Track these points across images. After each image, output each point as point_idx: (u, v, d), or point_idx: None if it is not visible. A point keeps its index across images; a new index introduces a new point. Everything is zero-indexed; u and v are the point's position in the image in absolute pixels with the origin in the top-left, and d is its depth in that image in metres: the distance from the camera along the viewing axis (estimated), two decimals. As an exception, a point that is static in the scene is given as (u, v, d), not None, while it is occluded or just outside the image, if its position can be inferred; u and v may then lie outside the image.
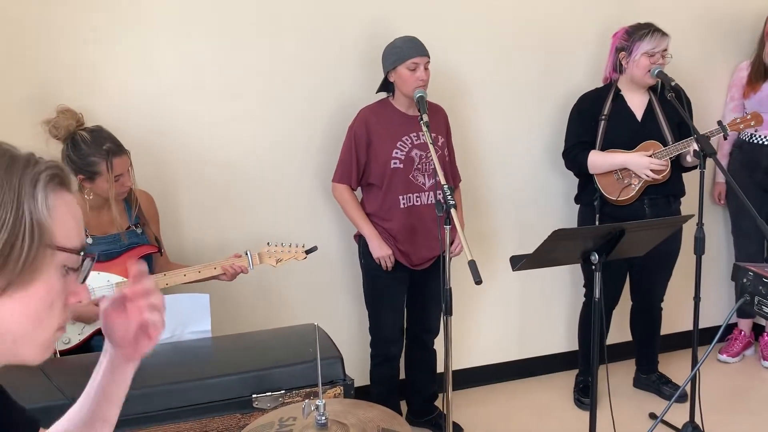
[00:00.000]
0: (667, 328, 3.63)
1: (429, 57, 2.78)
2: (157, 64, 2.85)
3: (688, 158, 3.03)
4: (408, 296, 3.07)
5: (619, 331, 3.70)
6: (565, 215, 3.58)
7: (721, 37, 3.75)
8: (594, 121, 3.16)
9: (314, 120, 3.11)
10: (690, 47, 3.67)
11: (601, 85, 3.28)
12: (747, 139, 3.57)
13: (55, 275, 0.87)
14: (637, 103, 3.16)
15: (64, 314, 0.91)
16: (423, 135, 2.80)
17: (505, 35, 3.35)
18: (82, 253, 0.90)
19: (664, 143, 3.08)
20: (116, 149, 2.41)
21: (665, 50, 3.03)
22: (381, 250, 2.88)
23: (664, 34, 3.03)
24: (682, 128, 3.10)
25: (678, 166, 3.14)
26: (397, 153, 2.83)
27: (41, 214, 0.84)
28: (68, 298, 0.91)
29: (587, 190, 3.21)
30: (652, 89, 3.17)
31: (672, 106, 2.96)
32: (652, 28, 3.04)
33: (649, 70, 3.01)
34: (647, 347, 3.50)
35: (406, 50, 2.74)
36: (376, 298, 3.02)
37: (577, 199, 3.33)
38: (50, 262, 0.86)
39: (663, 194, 3.13)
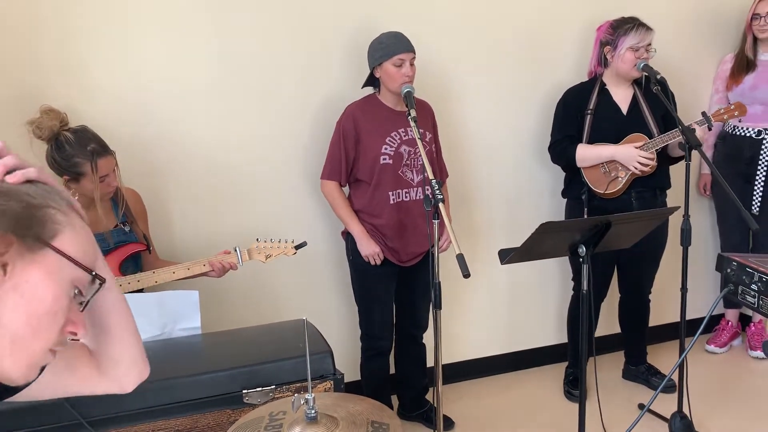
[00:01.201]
0: (655, 319, 3.66)
1: (414, 52, 2.78)
2: (144, 62, 2.85)
3: (678, 150, 3.06)
4: (397, 292, 3.08)
5: (608, 323, 3.73)
6: (553, 209, 3.60)
7: (707, 31, 3.79)
8: (580, 115, 3.18)
9: (302, 117, 3.11)
10: (676, 41, 3.70)
11: (586, 79, 3.31)
12: (730, 131, 3.60)
13: (66, 287, 0.91)
14: (622, 96, 3.18)
15: (59, 337, 0.92)
16: (411, 131, 2.81)
17: (491, 30, 3.36)
18: (94, 273, 0.94)
19: (650, 136, 3.10)
20: (101, 150, 2.38)
21: (649, 44, 3.06)
22: (369, 248, 2.88)
23: (648, 28, 3.05)
24: (667, 121, 3.13)
25: (665, 158, 3.17)
26: (386, 149, 2.84)
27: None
28: (66, 324, 0.93)
29: (574, 183, 3.24)
30: (636, 83, 3.20)
31: (657, 99, 3.00)
32: (637, 22, 3.06)
33: (635, 64, 3.04)
34: (636, 339, 3.53)
35: (391, 46, 2.74)
36: (365, 294, 3.02)
37: (564, 193, 3.35)
38: (56, 261, 0.90)
39: (650, 187, 3.16)
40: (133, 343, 1.14)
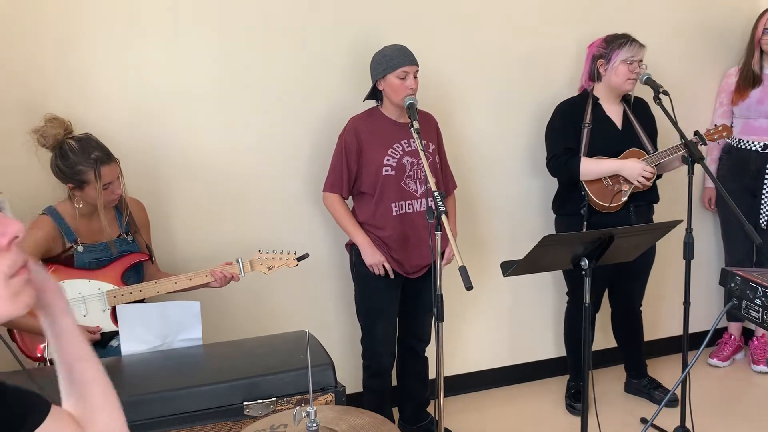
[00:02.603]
0: (657, 333, 3.65)
1: (418, 65, 2.79)
2: (148, 71, 2.85)
3: (672, 164, 3.13)
4: (400, 304, 3.06)
5: (610, 336, 3.72)
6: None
7: (711, 43, 3.79)
8: (577, 128, 3.18)
9: (305, 128, 3.12)
10: (680, 53, 3.71)
11: (576, 94, 3.32)
12: (735, 144, 3.60)
13: None
14: (614, 112, 3.21)
15: (4, 260, 0.87)
16: (414, 142, 2.81)
17: (492, 45, 3.37)
18: None
19: (645, 151, 3.14)
20: (104, 157, 2.39)
21: (641, 61, 3.09)
22: (373, 257, 2.87)
23: (641, 44, 3.10)
24: (653, 138, 3.23)
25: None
26: (388, 160, 2.83)
27: None
28: None
29: (573, 198, 3.21)
30: (624, 100, 3.22)
31: (645, 116, 3.09)
32: (630, 38, 3.10)
33: (630, 78, 3.09)
34: (632, 352, 3.52)
35: (395, 59, 2.74)
36: (369, 309, 2.99)
37: (558, 209, 3.32)
38: None
39: (646, 200, 3.22)
40: (115, 417, 1.13)
